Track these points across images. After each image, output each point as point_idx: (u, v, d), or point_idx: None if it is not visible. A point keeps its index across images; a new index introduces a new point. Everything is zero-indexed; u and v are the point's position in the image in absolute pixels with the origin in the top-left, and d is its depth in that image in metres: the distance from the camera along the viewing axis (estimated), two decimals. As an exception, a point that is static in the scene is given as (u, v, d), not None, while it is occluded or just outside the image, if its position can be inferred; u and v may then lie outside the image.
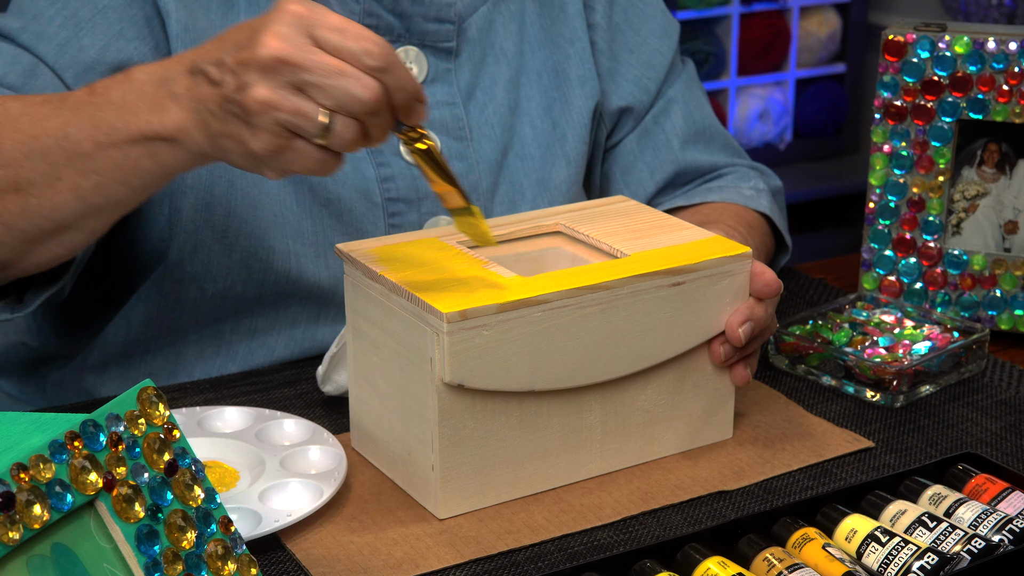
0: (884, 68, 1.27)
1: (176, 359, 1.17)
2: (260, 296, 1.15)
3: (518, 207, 1.23)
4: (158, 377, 1.17)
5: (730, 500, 0.96)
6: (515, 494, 0.95)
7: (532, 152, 1.25)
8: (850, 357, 1.12)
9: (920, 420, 1.09)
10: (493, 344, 0.90)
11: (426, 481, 0.93)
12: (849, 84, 3.42)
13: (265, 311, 1.16)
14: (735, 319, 0.99)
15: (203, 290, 1.14)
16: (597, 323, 0.94)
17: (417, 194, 1.18)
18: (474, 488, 0.94)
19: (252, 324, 1.17)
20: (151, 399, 0.72)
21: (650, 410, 0.99)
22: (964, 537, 0.87)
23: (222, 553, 0.73)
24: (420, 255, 0.98)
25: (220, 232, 1.12)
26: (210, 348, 1.17)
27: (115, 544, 0.70)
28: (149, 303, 1.15)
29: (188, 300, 1.15)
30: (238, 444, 0.99)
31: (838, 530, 0.89)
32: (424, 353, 0.90)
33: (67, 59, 1.07)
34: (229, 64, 0.84)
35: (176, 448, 0.73)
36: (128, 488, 0.70)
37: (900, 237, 1.29)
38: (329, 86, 0.82)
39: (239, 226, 1.12)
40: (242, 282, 1.14)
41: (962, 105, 1.24)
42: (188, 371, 1.17)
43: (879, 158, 1.29)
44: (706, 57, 3.17)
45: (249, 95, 0.83)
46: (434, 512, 0.93)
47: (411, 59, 1.18)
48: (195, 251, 1.13)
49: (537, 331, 0.91)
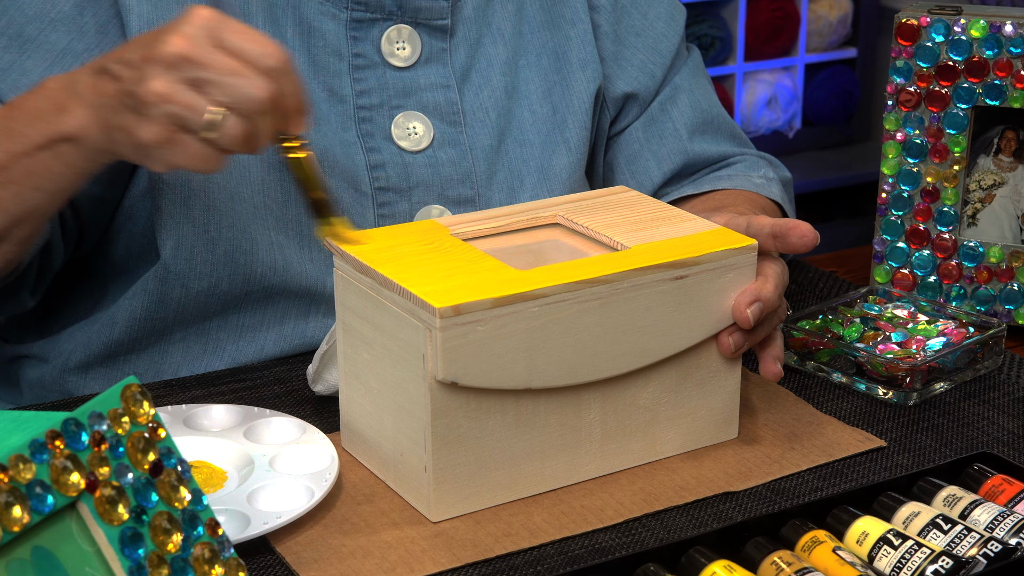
0: (897, 53, 1.27)
1: (162, 358, 1.18)
2: (247, 292, 1.15)
3: (517, 195, 1.23)
4: (144, 377, 1.18)
5: (737, 501, 0.97)
6: (511, 496, 0.96)
7: (531, 138, 1.25)
8: (861, 353, 1.13)
9: (934, 419, 1.09)
10: (488, 340, 0.90)
11: (419, 483, 0.94)
12: (860, 69, 3.42)
13: (253, 307, 1.16)
14: (743, 299, 0.99)
15: (188, 288, 1.14)
16: (596, 318, 0.94)
17: (408, 183, 1.18)
18: (469, 490, 0.94)
19: (240, 321, 1.17)
20: (135, 397, 0.73)
21: (652, 409, 0.99)
22: (980, 540, 0.87)
23: (209, 557, 0.73)
24: (412, 247, 0.98)
25: (202, 227, 1.13)
26: (197, 347, 1.17)
27: (98, 547, 0.70)
28: (133, 303, 1.16)
29: (173, 299, 1.15)
30: (226, 443, 1.00)
31: (849, 533, 0.89)
32: (416, 349, 0.90)
33: (9, 83, 1.09)
34: (134, 61, 0.92)
35: (161, 448, 0.73)
36: (111, 489, 0.70)
37: (913, 228, 1.29)
38: (225, 83, 0.90)
39: (220, 219, 1.13)
40: (227, 278, 1.14)
41: (978, 91, 1.25)
42: (174, 370, 1.17)
43: (892, 146, 1.29)
44: (712, 41, 3.16)
45: (146, 87, 0.90)
46: (427, 515, 0.93)
47: (404, 38, 1.18)
48: (178, 248, 1.13)
49: (534, 327, 0.92)
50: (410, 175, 1.18)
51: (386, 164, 1.18)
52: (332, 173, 1.15)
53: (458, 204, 1.20)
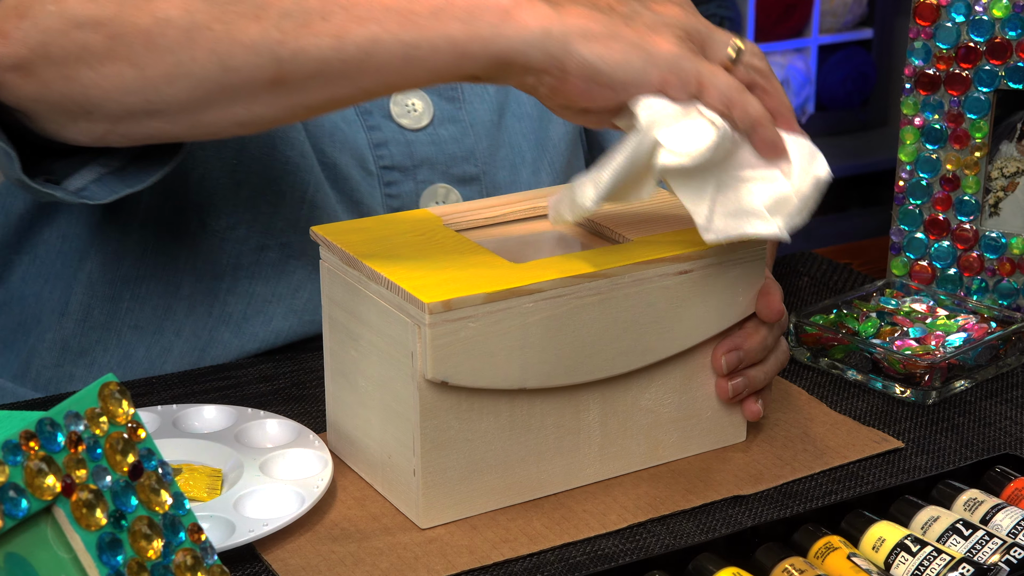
0: (915, 33, 1.27)
1: (165, 313, 1.18)
2: (263, 247, 1.16)
3: (519, 172, 1.24)
4: (145, 331, 1.18)
5: (746, 506, 0.97)
6: (505, 502, 0.96)
7: (529, 111, 1.27)
8: (878, 350, 1.13)
9: (954, 418, 1.09)
10: (480, 337, 0.90)
11: (407, 487, 0.93)
12: (877, 51, 3.43)
13: (266, 274, 1.17)
14: (720, 347, 1.00)
15: (205, 225, 1.16)
16: (595, 315, 0.94)
17: (412, 161, 1.20)
18: (460, 495, 0.94)
19: (251, 288, 1.18)
20: (114, 395, 0.72)
21: (655, 410, 0.99)
22: (1003, 546, 0.87)
23: (191, 564, 0.73)
24: (403, 239, 0.98)
25: (230, 166, 1.15)
26: (202, 307, 1.17)
27: (74, 554, 0.70)
28: (145, 232, 1.17)
29: (188, 234, 1.16)
30: (215, 446, 0.99)
31: (864, 538, 0.89)
32: (405, 347, 0.90)
33: None
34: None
35: (141, 449, 0.73)
36: (89, 493, 0.70)
37: (932, 218, 1.29)
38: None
39: (250, 163, 1.15)
40: (246, 223, 1.16)
41: (1001, 74, 1.24)
42: (177, 328, 1.17)
43: (909, 132, 1.29)
44: (720, 21, 3.17)
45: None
46: (415, 521, 0.93)
47: None
48: (203, 180, 1.15)
49: (529, 323, 0.91)
50: (413, 153, 1.20)
51: (388, 142, 1.20)
52: (342, 150, 1.18)
53: (463, 183, 1.22)
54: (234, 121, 0.94)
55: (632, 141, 0.90)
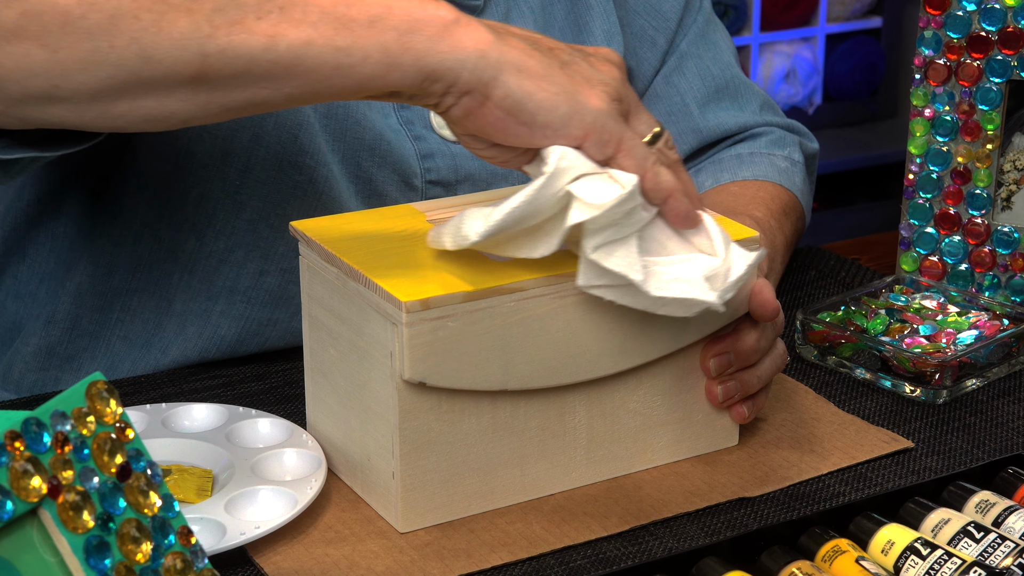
0: (925, 22, 1.27)
1: (155, 329, 1.17)
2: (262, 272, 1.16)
3: None
4: (134, 343, 1.18)
5: (752, 508, 0.97)
6: (487, 506, 0.95)
7: None
8: (887, 347, 1.13)
9: (966, 418, 1.09)
10: (460, 337, 0.90)
11: (386, 490, 0.93)
12: (886, 40, 3.42)
13: (263, 299, 1.17)
14: (710, 348, 0.99)
15: (202, 245, 1.15)
16: (579, 314, 0.93)
17: (456, 175, 1.19)
18: (440, 499, 0.93)
19: (247, 312, 1.17)
20: (101, 394, 0.72)
21: (644, 413, 0.99)
22: (1015, 550, 0.87)
23: (181, 567, 0.73)
24: (384, 235, 0.97)
25: (233, 187, 1.14)
26: (193, 327, 1.17)
27: (61, 557, 0.70)
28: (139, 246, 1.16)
29: (183, 252, 1.16)
30: (206, 446, 0.99)
31: (873, 541, 0.89)
32: (384, 346, 0.90)
33: None
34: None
35: (130, 449, 0.73)
36: (75, 494, 0.70)
37: (943, 212, 1.29)
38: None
39: (254, 186, 1.14)
40: (245, 247, 1.15)
41: (1013, 64, 1.24)
42: (165, 345, 1.17)
43: (919, 123, 1.29)
44: (725, 10, 3.16)
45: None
46: (394, 525, 0.93)
47: None
48: (202, 200, 1.14)
49: (510, 323, 0.91)
50: (459, 167, 1.20)
51: (435, 154, 1.19)
52: (382, 165, 1.17)
53: None
54: (143, 116, 0.91)
55: (536, 184, 0.89)
